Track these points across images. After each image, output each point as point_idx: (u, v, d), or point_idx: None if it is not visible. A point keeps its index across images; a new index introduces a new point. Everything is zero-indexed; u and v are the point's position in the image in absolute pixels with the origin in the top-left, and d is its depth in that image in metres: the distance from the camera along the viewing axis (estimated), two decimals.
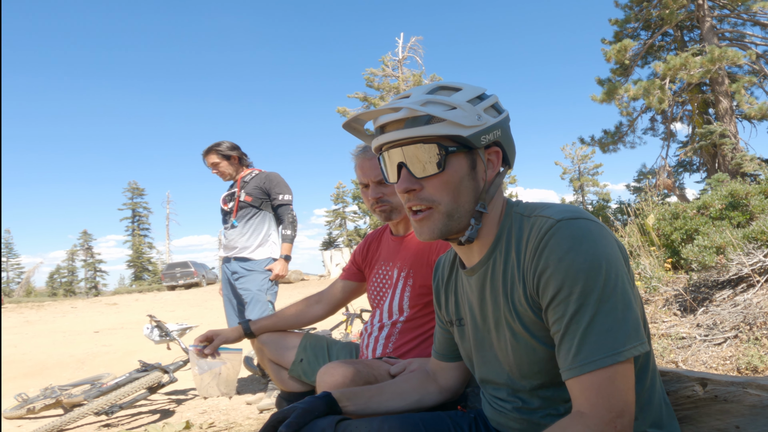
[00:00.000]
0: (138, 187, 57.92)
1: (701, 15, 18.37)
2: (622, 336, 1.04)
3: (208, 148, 4.58)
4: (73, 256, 57.30)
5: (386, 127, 1.23)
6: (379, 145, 1.24)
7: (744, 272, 4.31)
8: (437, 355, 1.60)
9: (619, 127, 20.43)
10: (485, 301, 1.30)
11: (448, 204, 1.20)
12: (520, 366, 1.24)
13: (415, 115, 1.17)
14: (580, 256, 1.07)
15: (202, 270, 31.98)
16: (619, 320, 1.05)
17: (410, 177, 1.20)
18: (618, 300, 1.06)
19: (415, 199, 1.21)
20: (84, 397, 3.97)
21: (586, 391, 1.05)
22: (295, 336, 2.51)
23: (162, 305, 17.50)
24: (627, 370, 1.04)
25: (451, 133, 1.16)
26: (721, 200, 5.88)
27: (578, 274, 1.06)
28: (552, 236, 1.12)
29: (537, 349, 1.18)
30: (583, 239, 1.09)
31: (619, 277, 1.08)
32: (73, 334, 11.02)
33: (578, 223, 1.12)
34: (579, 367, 1.05)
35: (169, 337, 4.56)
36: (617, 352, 1.03)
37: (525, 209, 1.26)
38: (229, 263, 4.60)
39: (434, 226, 1.21)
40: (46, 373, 7.10)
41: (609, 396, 1.03)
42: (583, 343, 1.05)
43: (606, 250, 1.09)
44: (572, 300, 1.07)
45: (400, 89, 30.65)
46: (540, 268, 1.12)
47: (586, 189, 47.95)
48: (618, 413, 1.02)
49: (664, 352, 3.88)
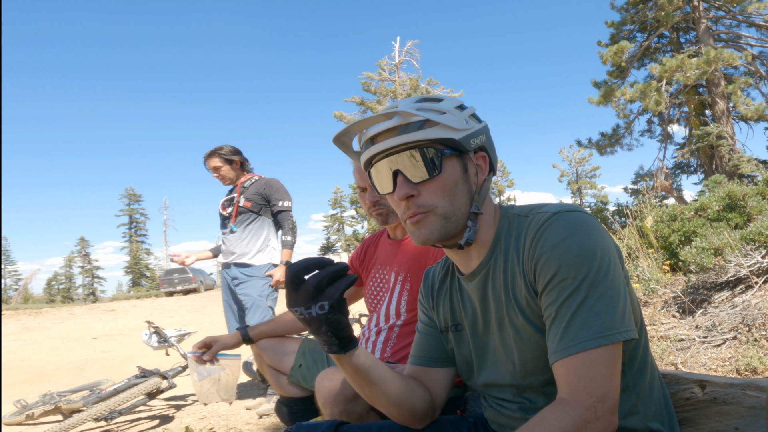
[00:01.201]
0: (135, 193, 57.95)
1: (697, 17, 18.42)
2: (610, 320, 1.06)
3: (211, 151, 4.57)
4: (71, 262, 57.30)
5: (377, 138, 1.24)
6: (371, 156, 1.24)
7: (742, 273, 4.31)
8: (423, 360, 1.49)
9: (616, 130, 20.47)
10: (487, 304, 1.31)
11: (445, 207, 1.22)
12: (525, 363, 1.24)
13: (407, 122, 1.20)
14: (575, 243, 1.11)
15: (200, 276, 31.94)
16: (607, 305, 1.07)
17: (407, 183, 1.21)
18: (608, 287, 1.08)
19: (413, 207, 1.22)
20: (83, 403, 3.96)
21: (569, 375, 1.06)
22: (294, 341, 2.51)
23: (160, 311, 17.47)
24: (612, 355, 1.05)
25: (444, 136, 1.20)
26: (719, 202, 5.88)
27: (572, 260, 1.10)
28: (549, 226, 1.16)
29: (541, 342, 1.19)
30: (579, 229, 1.13)
31: (612, 266, 1.11)
32: (71, 341, 11.00)
33: (574, 215, 1.17)
34: (564, 349, 1.07)
35: (168, 343, 4.55)
36: (603, 335, 1.05)
37: (522, 210, 1.29)
38: (229, 269, 4.58)
39: (432, 227, 1.22)
40: (45, 380, 7.08)
41: (590, 380, 1.03)
42: (570, 326, 1.07)
43: (600, 241, 1.13)
44: (564, 285, 1.09)
45: (396, 93, 30.69)
46: (536, 256, 1.16)
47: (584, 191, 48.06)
48: (599, 398, 1.02)
49: (663, 354, 3.87)
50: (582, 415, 1.01)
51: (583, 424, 1.00)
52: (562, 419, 1.01)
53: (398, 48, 32.22)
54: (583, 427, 1.00)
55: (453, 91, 32.28)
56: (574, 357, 1.05)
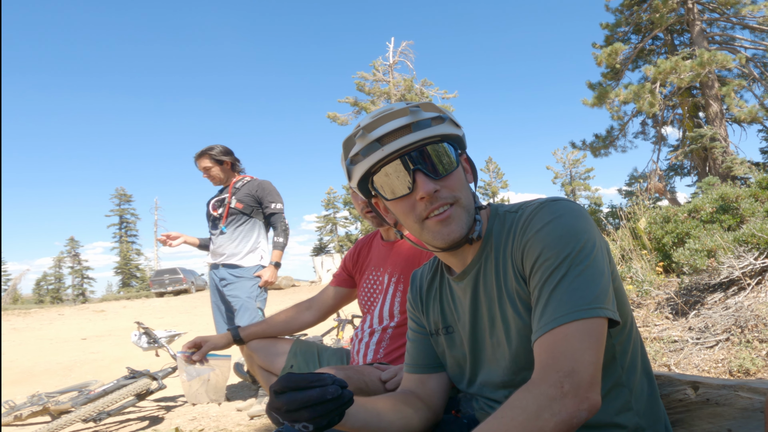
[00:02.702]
0: (125, 193, 57.71)
1: (691, 18, 18.50)
2: (589, 296, 1.03)
3: (201, 151, 4.54)
4: (60, 262, 57.04)
5: (385, 139, 1.20)
6: (384, 156, 1.20)
7: (735, 275, 4.31)
8: (418, 368, 1.47)
9: (611, 131, 20.54)
10: (478, 302, 1.30)
11: (465, 198, 1.23)
12: (518, 358, 1.22)
13: (419, 119, 1.20)
14: (559, 225, 1.12)
15: (191, 276, 31.85)
16: (588, 282, 1.05)
17: (429, 179, 1.19)
18: (590, 265, 1.07)
19: (438, 200, 1.19)
20: (71, 404, 3.92)
21: (542, 354, 1.02)
22: (285, 342, 2.49)
23: (150, 312, 17.39)
24: (589, 329, 1.01)
25: (452, 132, 1.23)
26: (712, 203, 5.90)
27: (555, 240, 1.10)
28: (536, 214, 1.18)
29: (530, 335, 1.16)
30: (564, 214, 1.14)
31: (596, 250, 1.10)
32: (60, 342, 10.94)
33: (561, 202, 1.18)
34: (541, 328, 1.04)
35: (158, 343, 4.52)
36: (579, 309, 1.02)
37: (511, 207, 1.30)
38: (217, 269, 4.54)
39: (460, 221, 1.21)
40: (33, 381, 7.03)
41: (559, 355, 0.99)
42: (549, 304, 1.05)
43: (585, 225, 1.13)
44: (547, 265, 1.09)
45: (390, 94, 30.70)
46: (523, 242, 1.17)
47: (578, 193, 48.21)
48: (566, 373, 0.96)
49: (656, 355, 3.87)
50: (545, 392, 0.95)
51: (547, 401, 0.94)
52: (525, 398, 0.96)
53: (392, 48, 32.26)
54: (548, 405, 0.94)
55: (447, 92, 32.37)
56: (549, 334, 1.02)
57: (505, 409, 0.97)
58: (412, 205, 1.21)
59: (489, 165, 49.23)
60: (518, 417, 0.94)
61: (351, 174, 1.28)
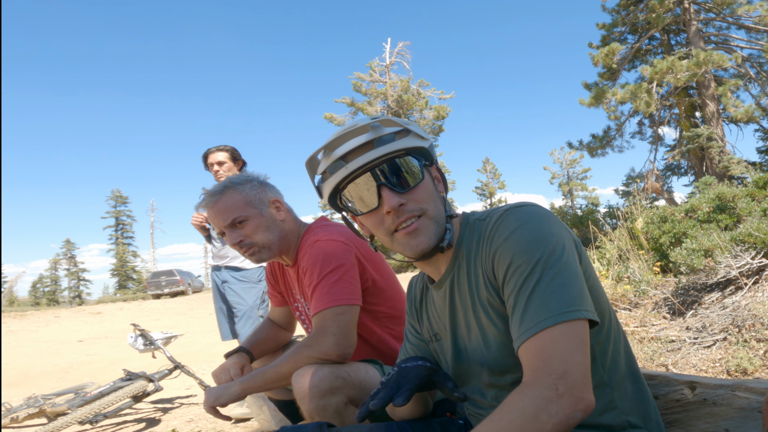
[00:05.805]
0: (121, 195, 57.46)
1: (687, 19, 18.56)
2: (567, 298, 1.05)
3: (220, 146, 4.41)
4: (56, 265, 56.76)
5: (349, 156, 1.23)
6: (348, 173, 1.22)
7: (732, 275, 4.32)
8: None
9: (608, 131, 20.59)
10: (456, 309, 1.32)
11: (433, 209, 1.24)
12: (497, 361, 1.23)
13: (381, 135, 1.23)
14: (526, 232, 1.13)
15: (187, 278, 31.81)
16: (563, 284, 1.06)
17: (394, 193, 1.21)
18: (563, 268, 1.08)
19: (404, 213, 1.21)
20: (68, 406, 3.91)
21: (530, 358, 1.03)
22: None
23: (147, 314, 17.38)
24: (574, 331, 1.02)
25: (417, 145, 1.25)
26: (709, 203, 5.90)
27: (524, 247, 1.11)
28: (502, 222, 1.19)
29: (507, 342, 1.18)
30: (530, 219, 1.15)
31: (566, 251, 1.11)
32: (56, 344, 10.92)
33: (525, 208, 1.19)
34: (524, 333, 1.05)
35: (154, 345, 4.50)
36: (561, 312, 1.03)
37: (481, 215, 1.31)
38: (220, 272, 4.51)
39: (429, 233, 1.23)
40: (30, 383, 7.02)
41: (550, 357, 1.00)
42: (527, 309, 1.06)
43: (552, 228, 1.14)
44: (520, 272, 1.10)
45: (387, 95, 30.68)
46: (492, 251, 1.18)
47: (575, 193, 48.29)
48: (560, 375, 0.98)
49: (653, 355, 3.87)
50: (541, 394, 0.97)
51: (543, 403, 0.96)
52: (521, 401, 0.97)
53: (389, 49, 32.26)
54: (545, 407, 0.95)
55: (444, 93, 32.33)
56: (533, 338, 1.03)
57: (501, 411, 0.98)
58: (381, 219, 1.24)
59: (486, 165, 49.30)
60: (516, 419, 0.96)
61: (321, 191, 1.31)
